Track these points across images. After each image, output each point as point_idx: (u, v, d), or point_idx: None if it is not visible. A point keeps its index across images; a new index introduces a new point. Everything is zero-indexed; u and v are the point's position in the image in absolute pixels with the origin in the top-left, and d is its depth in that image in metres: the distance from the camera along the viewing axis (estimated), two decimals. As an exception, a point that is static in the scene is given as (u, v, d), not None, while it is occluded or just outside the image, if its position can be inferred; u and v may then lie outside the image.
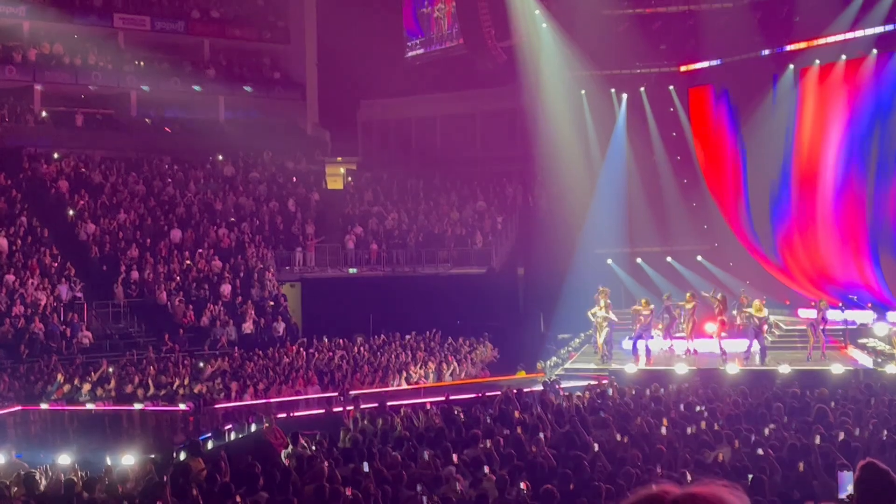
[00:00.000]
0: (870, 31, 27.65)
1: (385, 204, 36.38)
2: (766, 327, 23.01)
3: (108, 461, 13.71)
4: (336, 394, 19.58)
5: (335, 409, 17.10)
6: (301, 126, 41.41)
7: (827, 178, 29.11)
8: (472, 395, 18.68)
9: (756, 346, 22.40)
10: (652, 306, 23.45)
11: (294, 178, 37.71)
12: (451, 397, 17.82)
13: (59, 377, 22.81)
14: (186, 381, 23.00)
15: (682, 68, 32.57)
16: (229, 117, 39.99)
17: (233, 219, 33.57)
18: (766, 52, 30.31)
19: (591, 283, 26.98)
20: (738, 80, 31.17)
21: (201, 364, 24.70)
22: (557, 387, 18.96)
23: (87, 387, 22.43)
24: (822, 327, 22.67)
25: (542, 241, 32.48)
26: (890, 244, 27.60)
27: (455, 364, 25.77)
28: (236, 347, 27.02)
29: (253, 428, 17.33)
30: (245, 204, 34.89)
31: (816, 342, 22.73)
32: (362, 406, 17.04)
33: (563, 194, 33.31)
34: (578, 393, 17.73)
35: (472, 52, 35.47)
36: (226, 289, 29.97)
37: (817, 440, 11.73)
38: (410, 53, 39.95)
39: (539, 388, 18.92)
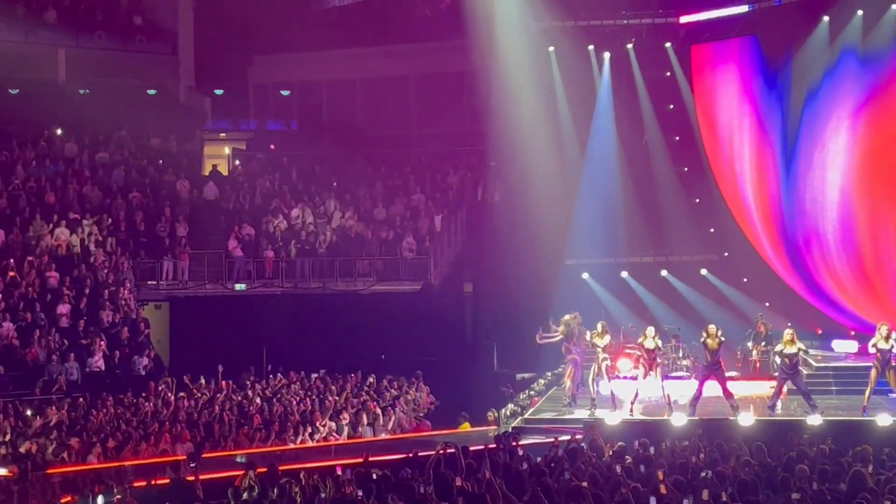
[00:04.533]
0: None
1: (285, 196, 36.17)
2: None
3: None
4: (184, 456, 19.33)
5: (188, 477, 16.94)
6: (171, 91, 40.98)
7: None
8: (400, 456, 18.59)
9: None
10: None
11: (161, 161, 37.35)
12: (372, 458, 17.71)
13: None
14: (9, 437, 22.59)
15: (683, 19, 32.95)
16: (73, 78, 39.47)
17: (75, 215, 33.10)
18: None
19: (560, 304, 27.16)
20: (767, 33, 31.50)
21: (30, 413, 24.25)
22: (515, 443, 18.95)
23: None
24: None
25: (497, 248, 32.53)
26: None
27: (378, 413, 25.65)
28: (79, 391, 26.60)
29: (100, 501, 17.10)
30: (92, 195, 34.46)
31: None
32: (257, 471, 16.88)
33: (524, 186, 33.44)
34: (545, 453, 17.75)
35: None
36: (65, 310, 29.52)
37: (855, 514, 11.83)
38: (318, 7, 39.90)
39: (490, 444, 18.90)
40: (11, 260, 30.50)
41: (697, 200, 33.83)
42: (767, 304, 31.09)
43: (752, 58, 32.16)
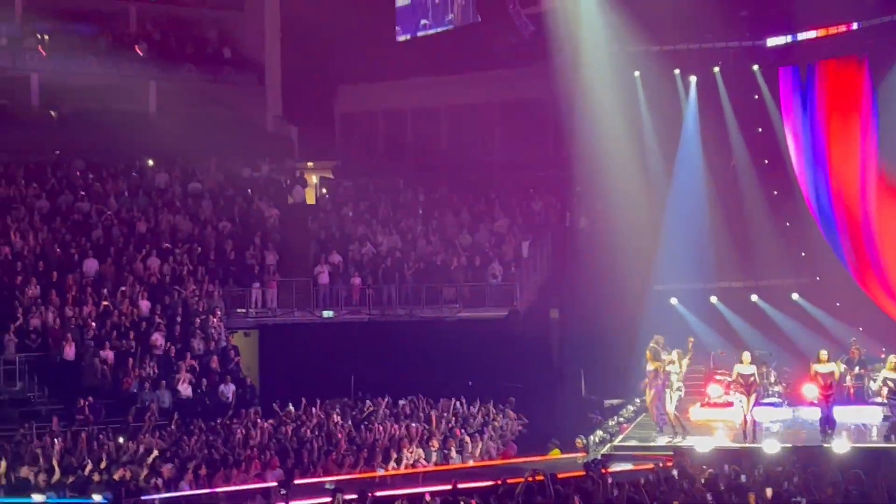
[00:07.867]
0: None
1: (371, 223, 36.37)
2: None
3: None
4: (275, 483, 19.45)
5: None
6: (259, 121, 41.50)
7: None
8: (489, 483, 18.56)
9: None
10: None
11: (249, 191, 37.75)
12: (460, 485, 17.71)
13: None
14: (103, 464, 22.78)
15: (770, 42, 32.64)
16: (163, 109, 40.07)
17: (167, 245, 33.57)
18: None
19: (648, 329, 26.97)
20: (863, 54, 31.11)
21: (123, 440, 24.54)
22: (604, 470, 18.84)
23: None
24: None
25: (583, 274, 32.39)
26: None
27: (466, 440, 25.63)
28: (171, 418, 26.86)
29: (192, 528, 17.27)
30: (183, 225, 34.92)
31: None
32: (345, 498, 16.96)
33: (610, 211, 33.28)
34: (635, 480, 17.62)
35: (487, 21, 35.61)
36: (157, 339, 29.89)
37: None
38: (401, 37, 40.12)
39: (579, 471, 18.81)
40: (105, 290, 31.00)
41: (788, 224, 33.37)
42: (861, 329, 30.52)
43: (845, 79, 31.70)
